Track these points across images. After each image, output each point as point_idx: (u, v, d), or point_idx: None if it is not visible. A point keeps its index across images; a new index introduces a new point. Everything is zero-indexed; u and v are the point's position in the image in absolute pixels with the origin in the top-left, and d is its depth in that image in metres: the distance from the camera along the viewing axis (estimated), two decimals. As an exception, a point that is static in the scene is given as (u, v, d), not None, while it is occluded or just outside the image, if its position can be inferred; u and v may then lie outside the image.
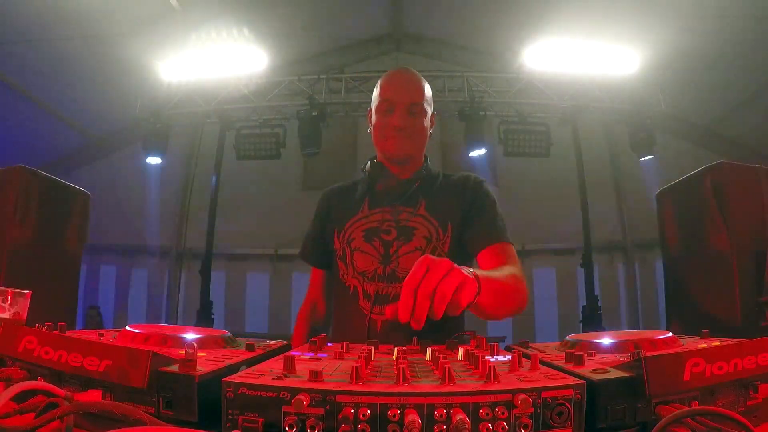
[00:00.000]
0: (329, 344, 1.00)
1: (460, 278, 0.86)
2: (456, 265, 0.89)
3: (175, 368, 0.62)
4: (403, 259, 1.43)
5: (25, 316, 0.99)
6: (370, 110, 1.55)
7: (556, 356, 0.80)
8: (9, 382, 0.63)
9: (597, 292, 5.98)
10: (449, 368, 0.59)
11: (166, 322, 7.26)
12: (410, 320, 0.84)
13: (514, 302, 1.25)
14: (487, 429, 0.53)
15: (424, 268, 0.86)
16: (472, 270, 0.96)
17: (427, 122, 1.50)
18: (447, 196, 1.51)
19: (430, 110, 1.52)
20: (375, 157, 1.56)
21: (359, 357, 0.69)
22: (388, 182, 1.51)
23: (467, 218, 1.47)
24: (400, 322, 0.82)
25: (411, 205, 1.48)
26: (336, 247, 1.53)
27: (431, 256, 0.88)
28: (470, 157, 6.10)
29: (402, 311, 0.83)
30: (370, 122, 1.54)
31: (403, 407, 0.53)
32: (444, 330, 1.10)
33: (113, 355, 0.62)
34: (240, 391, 0.55)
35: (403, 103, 1.44)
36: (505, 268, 1.29)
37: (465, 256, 1.47)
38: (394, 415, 0.52)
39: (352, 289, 1.47)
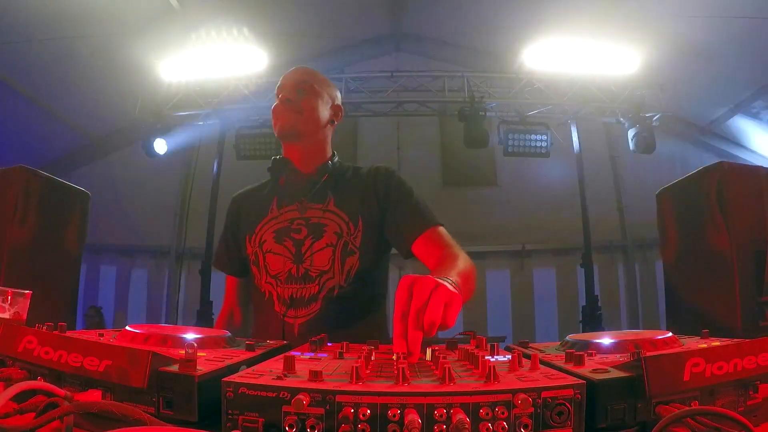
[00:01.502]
0: (329, 344, 1.00)
1: (446, 297, 0.82)
2: (438, 279, 0.85)
3: (175, 368, 0.62)
4: (315, 257, 1.42)
5: (25, 316, 0.99)
6: None
7: (556, 356, 0.80)
8: (9, 382, 0.63)
9: (597, 292, 5.98)
10: (449, 368, 0.59)
11: (166, 322, 7.26)
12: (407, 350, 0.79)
13: (474, 286, 1.24)
14: (487, 429, 0.53)
15: (406, 293, 0.82)
16: (450, 279, 0.93)
17: (320, 103, 1.51)
18: (356, 189, 1.50)
19: (325, 97, 1.53)
20: (280, 155, 1.56)
21: (359, 357, 0.69)
22: (294, 178, 1.50)
23: (386, 211, 1.45)
24: (401, 353, 0.78)
25: (320, 201, 1.47)
26: (248, 252, 1.51)
27: (413, 276, 0.84)
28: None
29: (396, 344, 0.80)
30: None
31: (403, 407, 0.53)
32: None
33: (113, 355, 0.62)
34: (240, 391, 0.55)
35: (291, 83, 1.52)
36: (455, 254, 1.27)
37: (380, 248, 1.47)
38: (394, 415, 0.52)
39: (267, 294, 1.45)
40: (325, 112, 1.54)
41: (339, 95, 1.64)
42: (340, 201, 1.47)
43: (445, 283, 0.85)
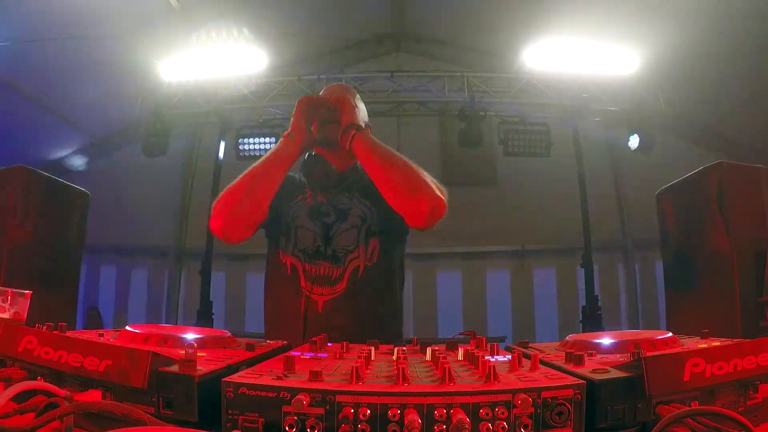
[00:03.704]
0: (329, 344, 1.00)
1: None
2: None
3: (175, 368, 0.62)
4: (341, 237, 1.52)
5: (25, 316, 0.99)
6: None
7: (556, 356, 0.80)
8: (9, 382, 0.63)
9: (597, 292, 5.98)
10: (449, 368, 0.59)
11: (166, 322, 7.26)
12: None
13: (406, 177, 1.42)
14: (487, 429, 0.53)
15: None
16: (365, 124, 1.44)
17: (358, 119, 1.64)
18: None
19: (361, 114, 1.63)
20: (313, 151, 1.64)
21: (359, 357, 0.69)
22: (326, 172, 1.57)
23: None
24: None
25: (346, 192, 1.60)
26: (282, 219, 1.58)
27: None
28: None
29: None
30: None
31: (403, 407, 0.53)
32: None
33: (113, 355, 0.62)
34: (240, 391, 0.55)
35: (334, 97, 1.62)
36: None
37: (398, 233, 1.60)
38: (394, 415, 0.53)
39: (290, 269, 1.51)
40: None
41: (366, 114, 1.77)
42: (364, 193, 1.59)
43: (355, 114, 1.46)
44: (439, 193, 1.42)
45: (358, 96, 1.71)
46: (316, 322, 1.39)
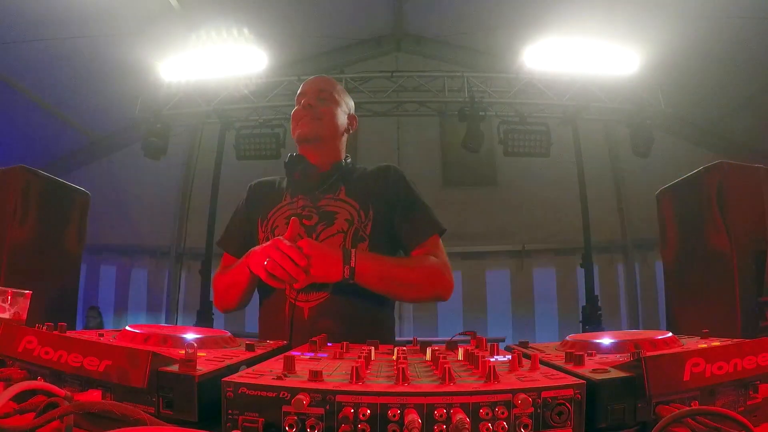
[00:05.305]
0: (329, 344, 1.00)
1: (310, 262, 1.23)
2: (332, 254, 1.28)
3: (175, 368, 0.62)
4: (326, 243, 1.46)
5: (25, 316, 0.99)
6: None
7: (556, 356, 0.80)
8: (9, 382, 0.63)
9: (597, 292, 5.98)
10: (449, 368, 0.59)
11: (166, 322, 7.25)
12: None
13: (416, 289, 1.44)
14: (487, 429, 0.53)
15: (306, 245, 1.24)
16: (353, 257, 1.28)
17: (338, 111, 1.61)
18: (366, 182, 1.57)
19: (343, 106, 1.64)
20: (296, 151, 1.61)
21: (359, 357, 0.69)
22: (309, 173, 1.55)
23: (396, 210, 1.52)
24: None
25: (332, 192, 1.53)
26: (260, 237, 1.54)
27: (319, 247, 1.26)
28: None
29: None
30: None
31: (403, 407, 0.53)
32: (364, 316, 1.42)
33: (113, 355, 0.62)
34: (240, 391, 0.55)
35: (312, 90, 1.61)
36: (419, 258, 1.45)
37: (390, 238, 1.52)
38: (394, 415, 0.52)
39: None
40: (342, 120, 1.62)
41: (353, 105, 1.72)
42: (350, 191, 1.53)
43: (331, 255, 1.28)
44: (444, 273, 1.47)
45: (340, 88, 1.67)
46: (302, 329, 1.33)
